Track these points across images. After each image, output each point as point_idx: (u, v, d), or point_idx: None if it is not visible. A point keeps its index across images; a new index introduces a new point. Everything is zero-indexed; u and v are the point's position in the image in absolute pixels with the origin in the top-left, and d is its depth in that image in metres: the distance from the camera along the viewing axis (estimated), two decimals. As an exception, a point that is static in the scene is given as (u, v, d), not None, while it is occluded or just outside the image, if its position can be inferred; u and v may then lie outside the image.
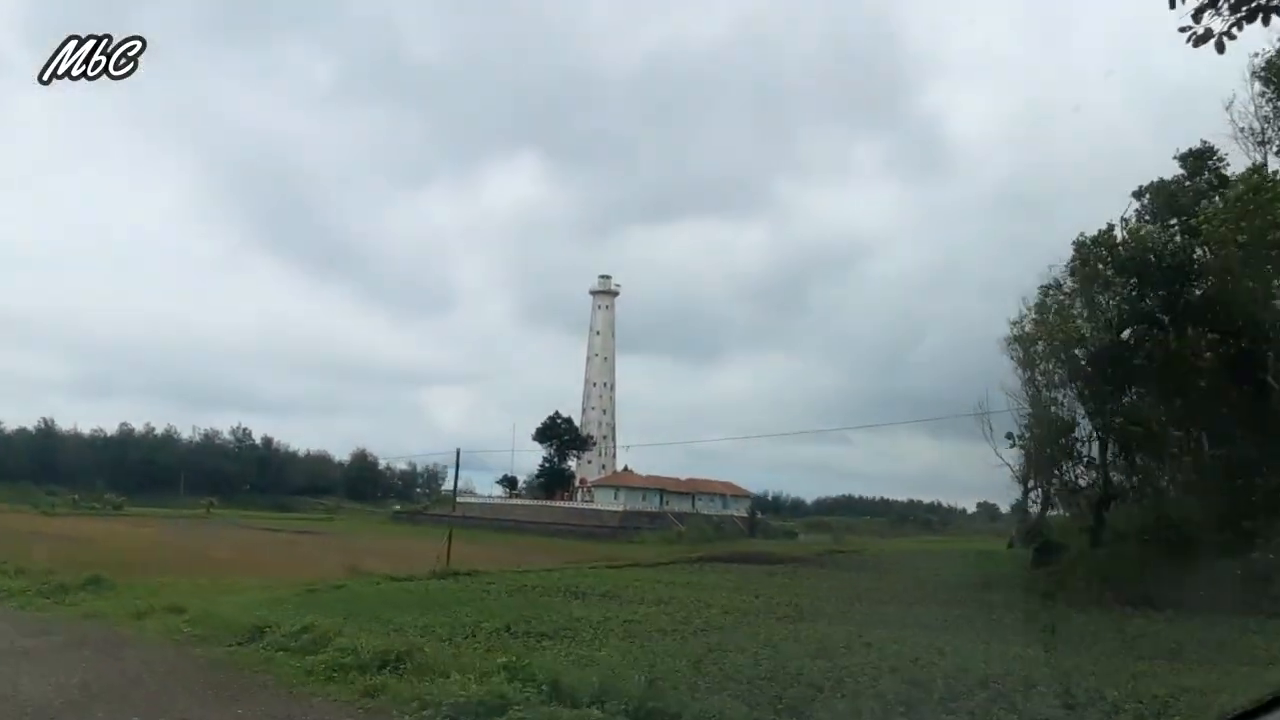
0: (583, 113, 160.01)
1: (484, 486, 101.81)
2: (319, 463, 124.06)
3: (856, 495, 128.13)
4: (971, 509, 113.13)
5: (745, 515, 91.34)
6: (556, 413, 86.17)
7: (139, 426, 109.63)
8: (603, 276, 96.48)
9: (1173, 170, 28.83)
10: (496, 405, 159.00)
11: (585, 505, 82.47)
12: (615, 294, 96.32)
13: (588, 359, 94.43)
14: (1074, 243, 28.01)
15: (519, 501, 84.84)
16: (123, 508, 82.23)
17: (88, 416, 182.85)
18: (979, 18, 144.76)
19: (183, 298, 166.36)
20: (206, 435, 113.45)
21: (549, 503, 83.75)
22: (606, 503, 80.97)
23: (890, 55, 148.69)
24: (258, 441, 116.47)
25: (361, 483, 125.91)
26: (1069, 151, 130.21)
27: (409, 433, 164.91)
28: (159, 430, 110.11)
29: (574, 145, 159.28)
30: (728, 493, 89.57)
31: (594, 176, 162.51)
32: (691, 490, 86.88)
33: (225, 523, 72.95)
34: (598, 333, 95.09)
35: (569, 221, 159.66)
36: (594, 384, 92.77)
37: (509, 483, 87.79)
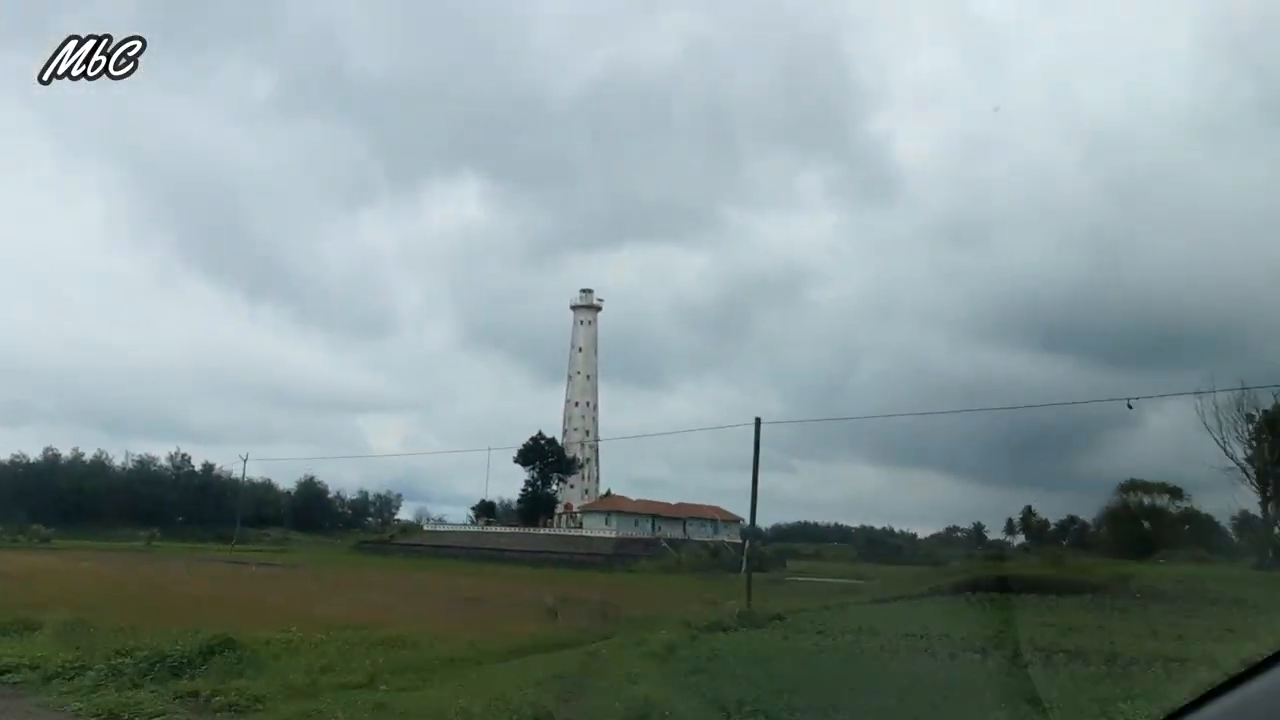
0: (528, 134, 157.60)
1: (454, 515, 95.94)
2: (263, 491, 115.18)
3: (811, 521, 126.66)
4: (922, 534, 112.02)
5: (739, 541, 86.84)
6: (540, 433, 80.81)
7: (65, 452, 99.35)
8: (584, 290, 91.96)
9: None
10: (437, 433, 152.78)
11: (574, 532, 76.87)
12: (598, 309, 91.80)
13: (569, 377, 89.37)
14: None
15: (500, 529, 78.73)
16: (50, 540, 73.71)
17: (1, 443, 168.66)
18: (923, 50, 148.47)
19: (106, 319, 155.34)
20: (141, 461, 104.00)
21: (532, 530, 77.95)
22: (597, 529, 75.63)
23: (838, 83, 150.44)
24: (197, 468, 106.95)
25: (310, 512, 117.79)
26: (1002, 184, 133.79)
27: (345, 461, 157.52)
28: (88, 456, 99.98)
29: (518, 167, 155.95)
30: (718, 518, 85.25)
31: (538, 199, 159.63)
32: (682, 515, 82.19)
33: (184, 557, 65.81)
34: (579, 349, 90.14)
35: (512, 245, 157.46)
36: (575, 403, 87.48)
37: (485, 509, 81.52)
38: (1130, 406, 29.21)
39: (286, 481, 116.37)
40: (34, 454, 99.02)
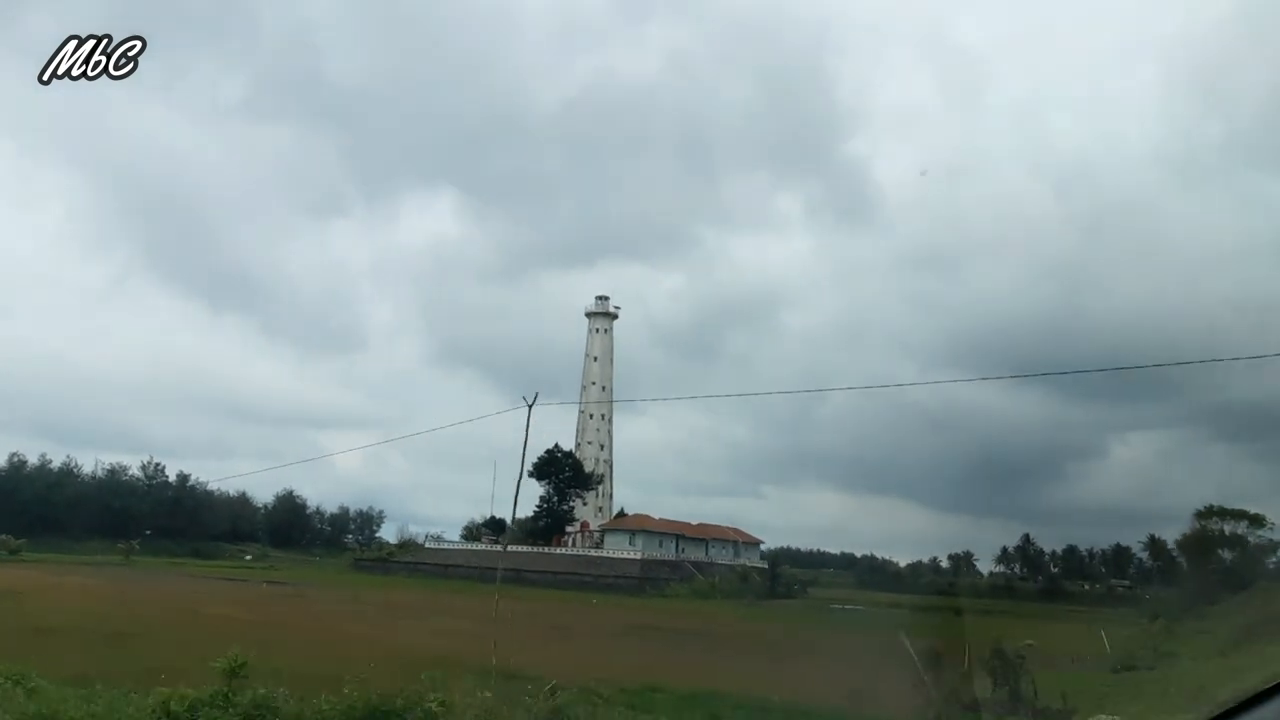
0: (504, 147, 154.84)
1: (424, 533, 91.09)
2: (239, 505, 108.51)
3: (793, 547, 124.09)
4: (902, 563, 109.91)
5: (760, 564, 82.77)
6: (556, 445, 75.98)
7: (32, 459, 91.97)
8: (600, 297, 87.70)
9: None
10: (405, 450, 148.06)
11: (595, 553, 71.92)
12: (614, 316, 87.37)
13: (583, 387, 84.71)
14: None
15: (513, 548, 73.33)
16: (20, 552, 67.04)
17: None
18: (902, 75, 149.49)
19: (60, 328, 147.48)
20: (112, 470, 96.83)
21: (549, 549, 72.86)
22: (620, 549, 70.78)
23: (818, 103, 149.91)
24: (171, 479, 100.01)
25: (289, 528, 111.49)
26: (974, 213, 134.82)
27: (310, 477, 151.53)
28: (55, 464, 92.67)
29: (493, 181, 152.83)
30: (739, 539, 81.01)
31: (512, 215, 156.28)
32: (705, 537, 77.80)
33: (174, 573, 60.39)
34: (594, 359, 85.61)
35: (485, 261, 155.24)
36: (590, 416, 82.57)
37: (495, 526, 76.17)
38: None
39: (263, 495, 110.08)
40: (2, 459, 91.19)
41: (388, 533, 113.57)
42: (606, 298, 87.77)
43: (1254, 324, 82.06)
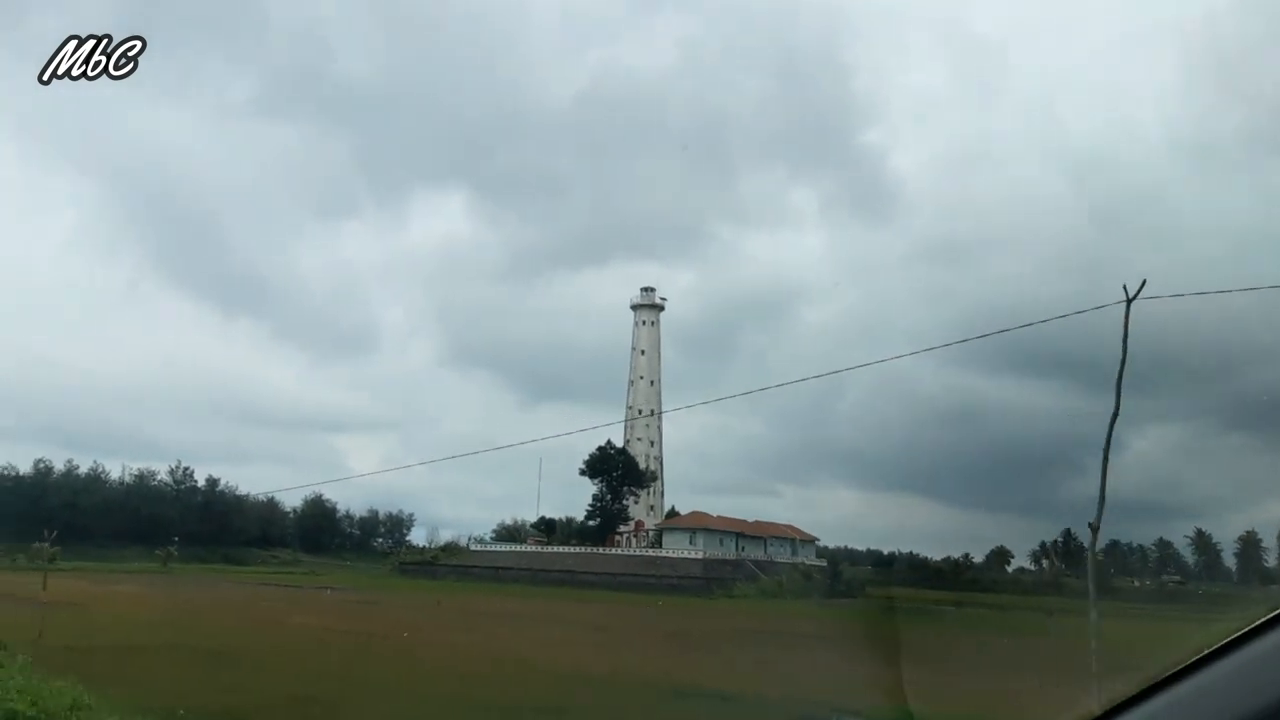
0: (514, 145, 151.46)
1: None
2: (267, 510, 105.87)
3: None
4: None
5: (818, 562, 79.35)
6: (609, 442, 72.50)
7: (58, 465, 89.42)
8: (645, 289, 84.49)
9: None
10: (417, 453, 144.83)
11: (652, 553, 68.62)
12: (660, 308, 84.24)
13: (630, 383, 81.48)
14: None
15: (565, 549, 70.21)
16: (55, 560, 64.23)
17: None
18: (919, 64, 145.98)
19: (73, 334, 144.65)
20: (140, 476, 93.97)
21: (602, 549, 69.67)
22: (680, 549, 67.49)
23: (834, 94, 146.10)
24: (200, 483, 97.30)
25: (318, 533, 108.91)
26: (993, 205, 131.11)
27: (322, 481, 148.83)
28: (82, 470, 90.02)
29: (504, 179, 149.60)
30: (796, 537, 77.64)
31: (523, 213, 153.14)
32: (763, 535, 74.50)
33: (222, 581, 57.77)
34: (642, 352, 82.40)
35: (497, 261, 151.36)
36: (639, 411, 79.28)
37: (545, 526, 72.94)
38: None
39: (289, 500, 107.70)
40: (24, 467, 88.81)
41: (417, 536, 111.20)
42: (652, 289, 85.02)
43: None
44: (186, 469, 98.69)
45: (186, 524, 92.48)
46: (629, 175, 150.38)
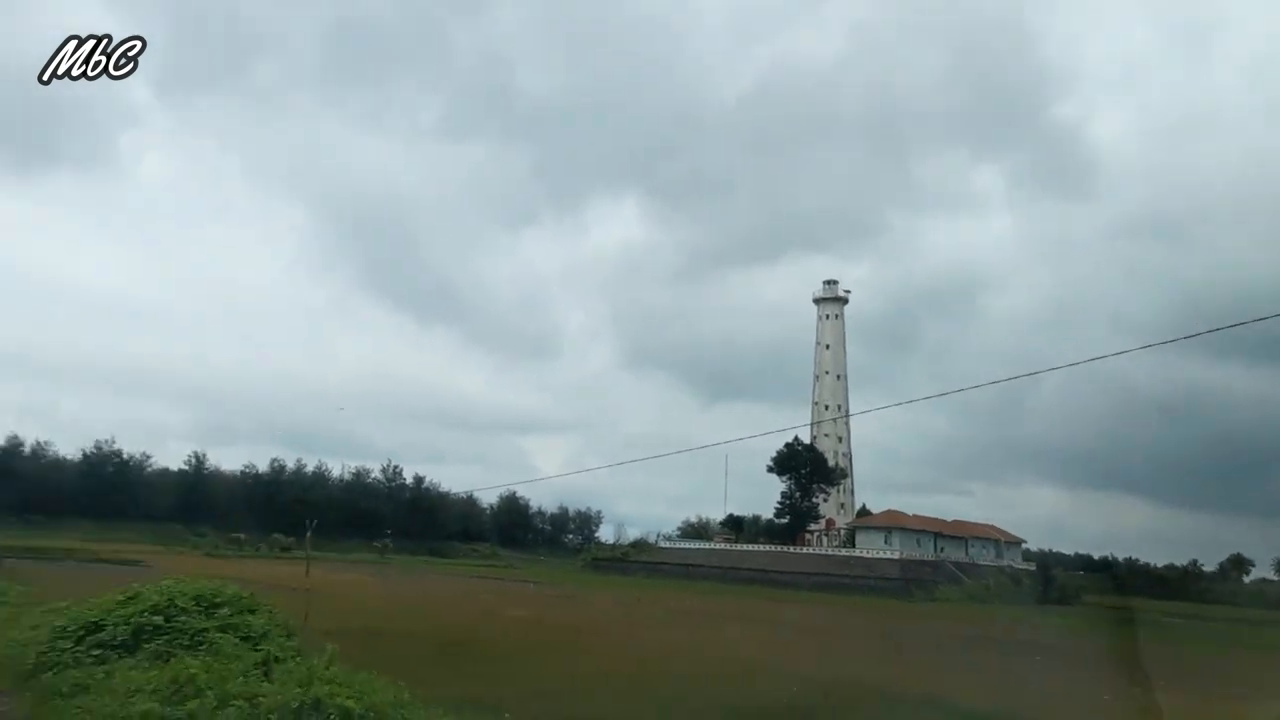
0: (685, 148, 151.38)
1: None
2: (468, 506, 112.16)
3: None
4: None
5: (1025, 566, 74.08)
6: (796, 438, 71.20)
7: (290, 464, 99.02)
8: (828, 282, 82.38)
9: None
10: (600, 453, 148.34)
11: (845, 552, 66.62)
12: (844, 301, 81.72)
13: (815, 378, 79.66)
14: None
15: (755, 547, 69.51)
16: (290, 550, 71.09)
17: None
18: (1117, 28, 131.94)
19: (294, 345, 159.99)
20: (357, 474, 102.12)
21: (793, 548, 68.34)
22: (874, 548, 65.08)
23: (1020, 66, 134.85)
24: (408, 481, 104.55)
25: (512, 528, 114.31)
26: (1209, 172, 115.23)
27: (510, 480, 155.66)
28: (309, 468, 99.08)
29: (675, 182, 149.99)
30: (1000, 538, 72.86)
31: (695, 215, 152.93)
32: (964, 535, 70.46)
33: (438, 573, 61.31)
34: (826, 347, 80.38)
35: (671, 263, 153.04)
36: (825, 406, 77.39)
37: (733, 524, 72.55)
38: None
39: (486, 497, 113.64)
40: (261, 466, 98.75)
41: (604, 533, 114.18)
42: (835, 281, 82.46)
43: None
44: (396, 467, 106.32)
45: (397, 518, 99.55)
46: (799, 168, 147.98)
